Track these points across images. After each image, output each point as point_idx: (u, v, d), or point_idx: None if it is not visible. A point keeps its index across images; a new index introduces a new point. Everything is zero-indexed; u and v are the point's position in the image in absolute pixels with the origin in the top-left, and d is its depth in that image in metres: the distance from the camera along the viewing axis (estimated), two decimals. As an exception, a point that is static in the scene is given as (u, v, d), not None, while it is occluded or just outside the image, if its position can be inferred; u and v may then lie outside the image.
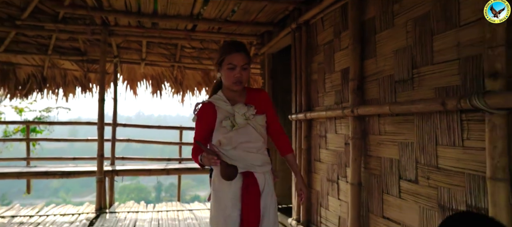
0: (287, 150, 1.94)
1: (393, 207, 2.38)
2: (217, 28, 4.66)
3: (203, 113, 1.77)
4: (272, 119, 1.89)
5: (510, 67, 1.56)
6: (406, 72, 2.26)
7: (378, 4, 2.55)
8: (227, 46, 1.78)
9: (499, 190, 1.55)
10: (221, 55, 1.75)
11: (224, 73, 1.74)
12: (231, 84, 1.73)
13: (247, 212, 1.66)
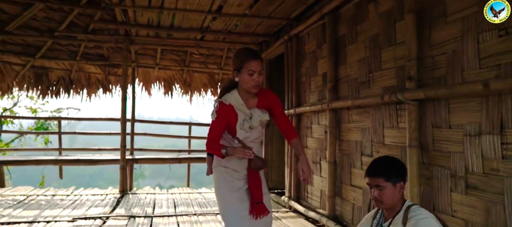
0: (293, 135, 2.09)
1: (357, 177, 3.20)
2: (222, 38, 5.49)
3: (224, 113, 1.92)
4: (280, 113, 2.10)
5: (420, 73, 2.39)
6: (365, 76, 3.09)
7: (347, 25, 3.39)
8: (246, 54, 1.92)
9: (413, 153, 2.38)
10: (241, 62, 1.89)
11: (244, 78, 1.88)
12: (251, 87, 1.88)
13: (255, 188, 1.99)
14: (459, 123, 2.10)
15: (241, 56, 1.91)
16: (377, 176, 1.67)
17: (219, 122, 1.91)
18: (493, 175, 1.87)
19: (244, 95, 1.94)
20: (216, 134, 1.92)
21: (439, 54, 2.26)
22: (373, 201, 1.71)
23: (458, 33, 2.10)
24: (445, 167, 2.19)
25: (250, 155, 1.79)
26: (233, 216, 1.95)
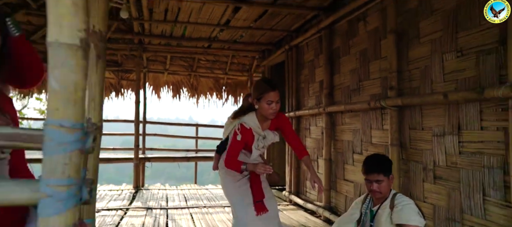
0: (304, 153, 2.39)
1: (350, 172, 3.67)
2: (228, 46, 5.96)
3: (245, 135, 2.24)
4: (291, 132, 2.45)
5: (399, 84, 2.86)
6: (356, 84, 3.56)
7: (341, 39, 3.86)
8: (265, 85, 2.20)
9: (394, 151, 2.85)
10: (260, 93, 2.16)
11: (263, 106, 2.16)
12: (269, 115, 2.19)
13: (256, 189, 2.31)
14: (429, 126, 2.57)
15: (261, 88, 2.20)
16: (377, 172, 2.04)
17: (240, 142, 2.22)
18: (453, 167, 2.34)
19: (260, 119, 2.26)
20: (237, 151, 2.22)
21: (414, 69, 2.73)
22: (372, 193, 2.08)
23: (428, 52, 2.57)
24: (419, 161, 2.67)
25: (270, 170, 2.09)
26: (240, 209, 2.30)
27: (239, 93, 7.55)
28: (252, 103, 2.30)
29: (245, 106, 2.45)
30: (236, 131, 2.25)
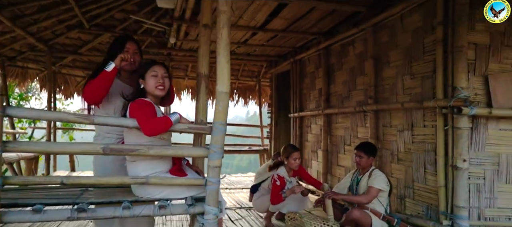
0: (320, 183, 3.81)
1: (342, 159, 4.84)
2: (241, 57, 7.11)
3: (281, 181, 3.46)
4: (306, 175, 3.81)
5: (376, 94, 4.03)
6: (347, 92, 4.73)
7: (336, 57, 5.02)
8: (291, 149, 3.61)
9: (373, 142, 4.02)
10: (289, 154, 3.54)
11: (291, 162, 3.52)
12: (295, 167, 3.55)
13: None
14: (395, 124, 3.74)
15: (289, 151, 3.58)
16: (360, 150, 3.24)
17: (279, 186, 3.45)
18: (408, 152, 3.51)
19: (288, 170, 3.59)
20: (278, 191, 3.43)
21: (386, 84, 3.90)
22: (356, 164, 3.31)
23: (394, 74, 3.74)
24: (388, 149, 3.84)
25: (302, 189, 3.47)
26: None
27: (249, 95, 8.70)
28: (282, 161, 3.66)
29: (277, 163, 3.79)
30: (275, 179, 3.50)
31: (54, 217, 1.80)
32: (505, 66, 2.99)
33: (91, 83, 2.14)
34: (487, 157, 2.95)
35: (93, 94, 2.13)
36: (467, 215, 2.85)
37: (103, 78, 2.10)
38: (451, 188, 2.91)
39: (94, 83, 2.12)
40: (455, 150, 2.88)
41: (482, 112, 2.87)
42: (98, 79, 2.11)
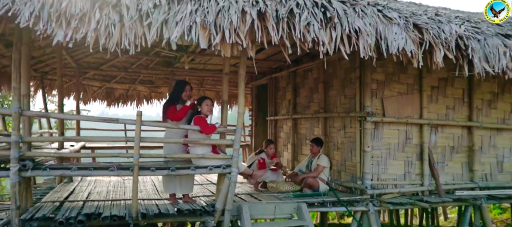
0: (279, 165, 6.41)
1: (304, 150, 6.97)
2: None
3: (263, 161, 5.77)
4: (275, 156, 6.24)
5: (325, 106, 6.19)
6: (307, 103, 6.87)
7: (300, 78, 7.15)
8: (268, 143, 6.03)
9: (323, 138, 6.19)
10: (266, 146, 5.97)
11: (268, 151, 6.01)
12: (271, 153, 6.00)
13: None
14: (335, 126, 5.91)
15: (267, 143, 5.83)
16: (313, 142, 5.43)
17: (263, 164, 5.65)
18: (342, 144, 5.68)
19: (267, 155, 5.77)
20: (262, 166, 5.70)
21: (331, 100, 6.06)
22: (310, 150, 5.46)
23: (336, 94, 5.91)
24: (332, 141, 6.00)
25: (277, 161, 5.59)
26: None
27: (233, 101, 10.70)
28: (263, 150, 5.75)
29: (260, 150, 5.93)
30: (259, 160, 5.63)
31: (163, 173, 3.79)
32: (392, 93, 5.22)
33: (177, 111, 4.17)
34: (382, 145, 5.16)
35: (179, 117, 4.18)
36: (371, 178, 5.04)
37: (185, 110, 4.17)
38: (362, 163, 5.10)
39: (180, 112, 4.16)
40: (364, 141, 5.06)
41: (378, 119, 5.07)
42: (182, 111, 4.15)
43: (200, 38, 3.10)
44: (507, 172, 5.80)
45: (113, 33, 3.00)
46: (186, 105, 4.25)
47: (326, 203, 4.83)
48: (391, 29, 3.73)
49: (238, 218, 4.32)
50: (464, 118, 5.61)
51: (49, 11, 2.89)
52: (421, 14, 4.20)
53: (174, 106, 4.33)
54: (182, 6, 3.19)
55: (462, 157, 5.60)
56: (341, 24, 3.50)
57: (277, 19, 3.31)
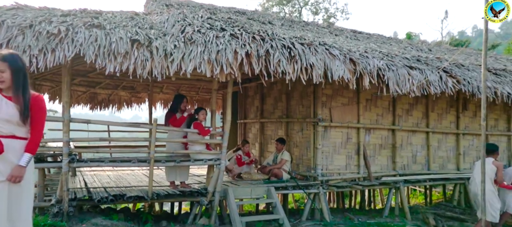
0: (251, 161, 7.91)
1: (269, 148, 8.56)
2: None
3: (240, 158, 7.70)
4: (249, 154, 7.83)
5: (287, 112, 7.82)
6: (272, 109, 8.47)
7: (267, 89, 8.73)
8: (242, 143, 7.70)
9: (285, 138, 7.83)
10: (243, 146, 7.75)
11: (244, 148, 7.62)
12: (245, 151, 7.89)
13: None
14: (295, 129, 7.56)
15: (243, 143, 7.22)
16: (278, 141, 7.03)
17: (240, 159, 7.10)
18: (300, 142, 7.34)
19: (243, 152, 7.25)
20: (240, 161, 7.12)
21: (292, 108, 7.71)
22: (276, 148, 7.05)
23: (296, 103, 7.56)
24: (293, 141, 7.64)
25: (252, 160, 7.11)
26: None
27: (205, 106, 12.04)
28: (240, 147, 7.14)
29: (237, 148, 7.31)
30: (237, 156, 7.06)
31: (170, 164, 5.16)
32: (337, 104, 6.95)
33: (177, 120, 5.54)
34: (329, 143, 6.87)
35: (179, 124, 5.54)
36: (321, 168, 6.73)
37: (184, 119, 5.54)
38: (315, 157, 6.77)
39: (180, 120, 5.52)
40: (316, 140, 6.73)
41: (327, 124, 6.77)
42: (181, 119, 5.52)
43: (206, 70, 4.53)
44: (419, 163, 7.81)
45: (146, 66, 4.34)
46: (184, 116, 5.64)
47: (288, 187, 6.44)
48: (335, 63, 5.40)
49: (224, 198, 5.78)
50: (389, 122, 7.51)
51: (104, 50, 4.18)
52: (355, 51, 5.93)
53: (175, 115, 5.70)
54: (194, 48, 4.59)
55: (387, 152, 7.49)
56: (301, 60, 5.10)
57: (258, 57, 4.83)
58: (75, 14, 4.72)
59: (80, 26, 4.25)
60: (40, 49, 3.92)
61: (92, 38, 4.16)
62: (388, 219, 7.02)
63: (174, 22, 5.22)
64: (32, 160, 2.56)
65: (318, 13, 31.46)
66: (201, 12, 6.43)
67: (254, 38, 5.02)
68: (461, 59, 7.75)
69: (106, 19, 4.76)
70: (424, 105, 7.82)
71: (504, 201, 5.87)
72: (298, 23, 8.70)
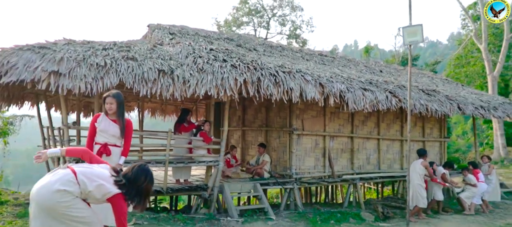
0: (238, 163, 9.38)
1: (251, 151, 10.09)
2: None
3: (229, 161, 9.03)
4: (235, 158, 9.29)
5: (266, 122, 9.40)
6: (253, 119, 10.01)
7: (248, 102, 10.27)
8: (232, 146, 9.16)
9: (264, 143, 9.39)
10: (231, 150, 9.09)
11: (232, 152, 9.01)
12: (233, 155, 9.14)
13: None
14: (273, 136, 9.14)
15: (230, 147, 8.65)
16: (260, 146, 8.55)
17: (228, 162, 8.55)
18: (279, 147, 8.94)
19: (231, 156, 8.66)
20: (229, 164, 8.57)
21: (270, 119, 9.29)
22: (258, 151, 8.57)
23: (274, 115, 9.15)
24: (271, 146, 9.22)
25: (239, 163, 8.61)
26: None
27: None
28: (228, 152, 8.60)
29: (226, 152, 8.69)
30: (227, 159, 8.46)
31: (180, 165, 6.55)
32: (308, 116, 8.63)
33: (186, 127, 6.93)
34: (302, 148, 8.52)
35: (188, 131, 6.92)
36: (295, 168, 8.35)
37: (192, 127, 6.93)
38: (290, 159, 8.38)
39: (188, 128, 6.93)
40: (291, 146, 8.35)
41: (300, 132, 8.42)
42: (189, 127, 6.92)
43: (214, 93, 5.99)
44: (372, 164, 9.69)
45: (170, 90, 5.72)
46: (192, 124, 7.04)
47: (269, 184, 7.99)
48: (308, 86, 7.05)
49: (221, 192, 7.23)
50: (348, 131, 9.31)
51: (138, 78, 5.51)
52: (323, 76, 7.62)
53: (183, 125, 7.07)
54: (204, 76, 6.03)
55: (347, 155, 9.29)
56: (283, 85, 6.69)
57: (252, 83, 6.36)
58: (111, 47, 5.96)
59: (119, 59, 5.55)
60: (92, 78, 5.17)
61: (129, 69, 5.48)
62: (348, 209, 8.79)
63: (187, 54, 6.61)
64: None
65: (285, 25, 33.52)
66: (203, 43, 7.85)
67: (248, 67, 6.54)
68: (403, 80, 9.74)
69: (136, 51, 6.06)
70: (376, 118, 9.73)
71: (431, 191, 7.84)
72: (276, 48, 10.31)
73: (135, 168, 2.73)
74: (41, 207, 2.46)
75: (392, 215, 7.86)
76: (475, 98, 10.73)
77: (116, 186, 2.56)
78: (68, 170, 2.60)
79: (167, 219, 5.82)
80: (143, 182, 2.69)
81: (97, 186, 2.54)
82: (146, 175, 2.73)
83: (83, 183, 2.52)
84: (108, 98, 3.92)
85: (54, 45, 5.48)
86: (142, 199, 2.70)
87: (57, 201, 2.43)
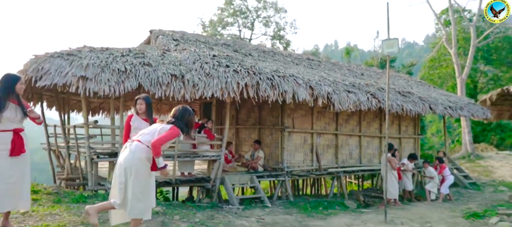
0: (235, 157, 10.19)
1: (246, 147, 10.94)
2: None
3: (227, 156, 9.86)
4: (231, 153, 10.09)
5: (260, 121, 10.26)
6: (246, 117, 10.86)
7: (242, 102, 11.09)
8: (228, 143, 9.97)
9: (260, 141, 10.26)
10: (227, 145, 9.88)
11: (230, 148, 9.84)
12: (230, 150, 9.93)
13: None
14: (266, 133, 10.02)
15: (227, 144, 9.42)
16: (255, 143, 9.39)
17: (226, 157, 9.38)
18: (272, 143, 9.82)
19: (228, 152, 9.48)
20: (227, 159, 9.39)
21: (264, 118, 10.16)
22: (253, 148, 9.41)
23: (266, 114, 10.03)
24: (264, 142, 10.08)
25: (237, 158, 9.43)
26: None
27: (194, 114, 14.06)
28: (227, 147, 9.38)
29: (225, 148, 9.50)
30: (225, 154, 9.24)
31: (186, 159, 7.34)
32: (298, 115, 9.55)
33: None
34: (292, 144, 9.44)
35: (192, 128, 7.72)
36: (286, 162, 9.26)
37: (197, 126, 7.74)
38: (282, 154, 9.29)
39: (194, 126, 7.70)
40: (283, 142, 9.26)
41: (291, 130, 9.33)
42: (195, 126, 7.70)
43: (220, 95, 6.80)
44: (354, 158, 10.73)
45: (181, 92, 6.50)
46: (197, 122, 7.80)
47: (264, 176, 8.87)
48: (300, 89, 7.96)
49: (222, 183, 8.05)
50: (333, 129, 10.30)
51: (154, 82, 6.25)
52: (312, 80, 8.55)
53: None
54: (211, 80, 6.83)
55: (332, 150, 10.28)
56: (278, 88, 7.57)
57: (252, 86, 7.21)
58: (128, 54, 6.66)
59: (137, 64, 6.27)
60: (115, 81, 5.88)
61: (146, 73, 6.21)
62: (332, 199, 9.79)
63: (194, 60, 7.38)
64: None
65: (270, 26, 34.45)
66: (204, 48, 8.63)
67: (249, 72, 7.38)
68: (382, 83, 10.83)
69: (150, 57, 6.78)
70: (357, 117, 10.77)
71: (402, 183, 8.95)
72: (268, 52, 11.19)
73: (180, 109, 3.77)
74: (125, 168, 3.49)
75: (372, 203, 8.90)
76: (445, 99, 11.98)
77: (169, 124, 3.64)
78: (136, 142, 3.58)
79: (181, 206, 6.59)
80: (188, 116, 3.76)
81: (159, 130, 3.56)
82: (189, 112, 3.80)
83: (148, 141, 3.53)
84: (139, 100, 4.68)
85: (79, 52, 6.14)
86: (189, 128, 3.80)
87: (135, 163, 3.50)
